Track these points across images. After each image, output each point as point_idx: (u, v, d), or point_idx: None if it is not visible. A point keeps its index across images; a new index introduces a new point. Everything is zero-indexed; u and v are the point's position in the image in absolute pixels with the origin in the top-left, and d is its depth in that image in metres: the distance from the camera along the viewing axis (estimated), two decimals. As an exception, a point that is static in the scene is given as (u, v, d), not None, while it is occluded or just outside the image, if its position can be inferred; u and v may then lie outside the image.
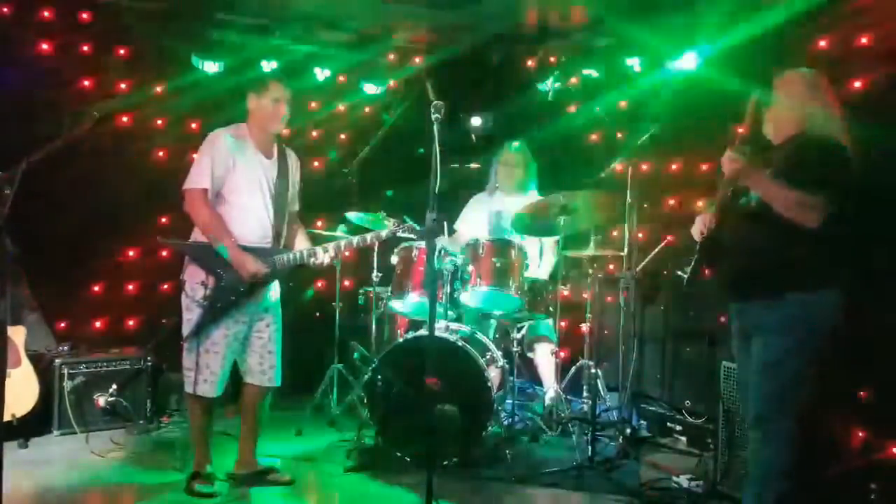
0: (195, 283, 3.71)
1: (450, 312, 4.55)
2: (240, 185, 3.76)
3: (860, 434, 3.62)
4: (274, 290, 3.95)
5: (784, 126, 3.16)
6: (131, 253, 5.38)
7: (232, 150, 3.75)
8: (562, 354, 4.85)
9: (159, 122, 5.40)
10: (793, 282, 3.01)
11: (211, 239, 3.70)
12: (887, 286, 3.72)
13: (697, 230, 3.35)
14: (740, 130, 3.17)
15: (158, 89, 5.33)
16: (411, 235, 4.02)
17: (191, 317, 3.74)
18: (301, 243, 4.01)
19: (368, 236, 3.95)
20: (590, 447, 4.26)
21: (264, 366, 3.93)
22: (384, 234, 3.99)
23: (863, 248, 3.47)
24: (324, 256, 3.86)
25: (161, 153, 5.44)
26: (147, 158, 5.39)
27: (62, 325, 5.17)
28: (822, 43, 4.33)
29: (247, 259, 3.69)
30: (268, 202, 3.84)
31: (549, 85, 5.81)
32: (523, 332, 4.88)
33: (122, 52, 5.27)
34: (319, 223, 5.41)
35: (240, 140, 3.81)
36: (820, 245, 2.97)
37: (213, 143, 3.75)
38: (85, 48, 5.16)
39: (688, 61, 5.03)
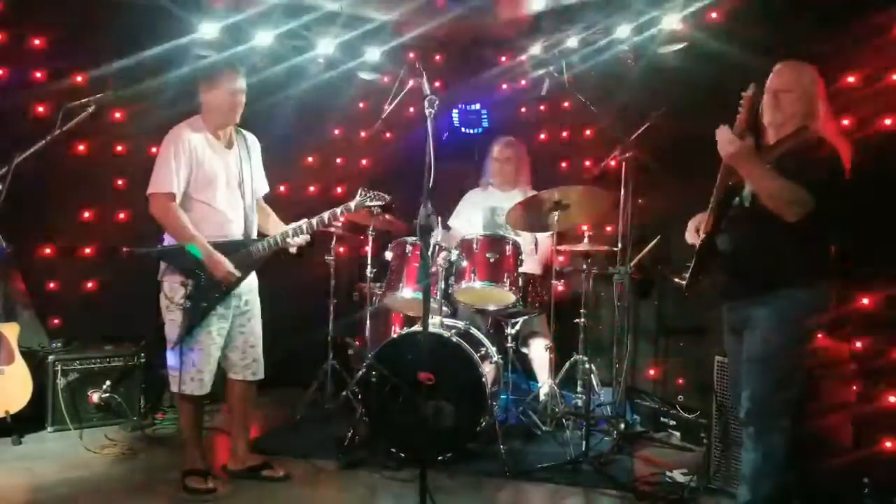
0: (174, 284, 3.70)
1: (444, 308, 4.56)
2: (204, 182, 3.73)
3: (853, 429, 3.64)
4: (252, 283, 3.95)
5: (790, 117, 3.14)
6: (125, 249, 5.36)
7: (192, 147, 3.71)
8: (555, 349, 4.85)
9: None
10: (784, 278, 3.03)
11: (181, 242, 3.67)
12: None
13: (691, 235, 3.36)
14: (738, 124, 3.17)
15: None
16: (380, 202, 3.94)
17: (172, 317, 3.73)
18: (274, 227, 3.99)
19: (338, 210, 3.88)
20: (584, 442, 4.26)
21: (247, 360, 3.93)
22: (353, 204, 3.90)
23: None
24: (298, 238, 3.85)
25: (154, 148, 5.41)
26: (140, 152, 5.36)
27: (55, 321, 5.15)
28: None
29: (219, 261, 3.67)
30: (234, 193, 3.82)
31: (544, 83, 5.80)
32: (517, 327, 4.88)
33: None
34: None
35: (198, 134, 3.76)
36: (811, 242, 2.98)
37: (174, 143, 3.69)
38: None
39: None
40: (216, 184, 3.76)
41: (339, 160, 6.35)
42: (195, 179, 3.72)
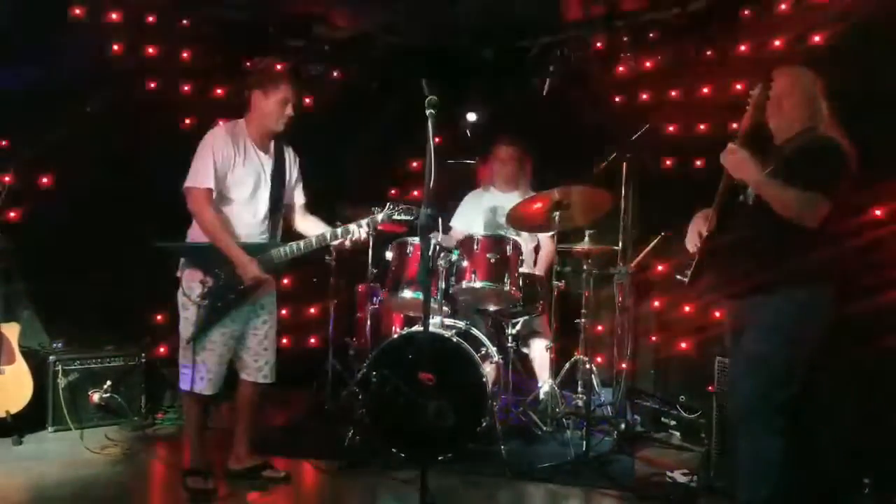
0: (192, 282, 3.71)
1: (445, 308, 4.56)
2: (238, 182, 3.77)
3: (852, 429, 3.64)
4: (270, 287, 3.95)
5: (794, 121, 3.15)
6: (126, 248, 5.36)
7: (231, 147, 3.75)
8: (555, 349, 4.85)
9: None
10: (784, 277, 3.03)
11: (213, 241, 3.70)
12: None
13: (692, 242, 3.36)
14: (742, 124, 3.18)
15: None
16: (408, 217, 4.00)
17: (187, 315, 3.74)
18: (317, 229, 3.99)
19: (364, 222, 3.92)
20: (584, 442, 4.26)
21: (260, 362, 3.93)
22: (380, 217, 3.96)
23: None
24: (359, 231, 3.88)
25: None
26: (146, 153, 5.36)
27: (56, 321, 5.14)
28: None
29: (248, 264, 3.69)
30: (265, 198, 3.85)
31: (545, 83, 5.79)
32: (518, 327, 4.88)
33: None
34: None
35: (238, 136, 3.81)
36: (812, 242, 2.98)
37: (212, 142, 3.74)
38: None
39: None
40: (247, 185, 3.80)
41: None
42: (229, 179, 3.75)
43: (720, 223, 3.23)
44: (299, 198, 4.10)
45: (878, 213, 4.21)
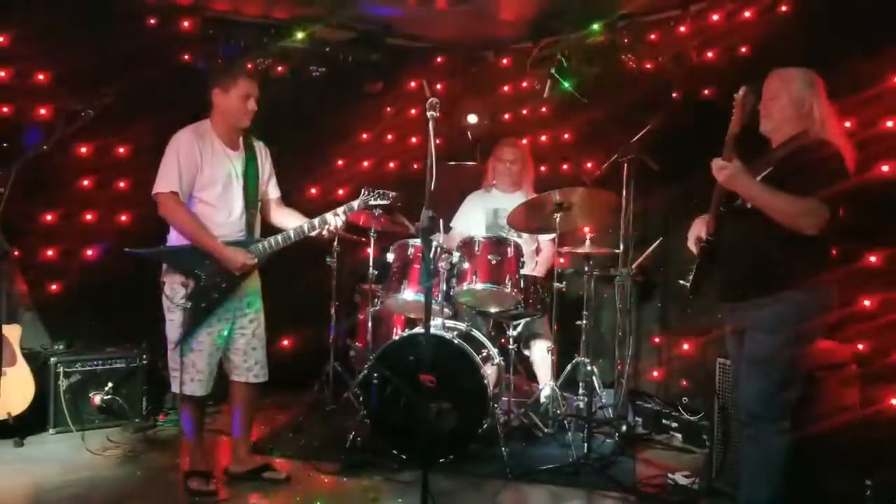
0: (175, 284, 3.72)
1: (446, 310, 4.56)
2: (208, 183, 3.76)
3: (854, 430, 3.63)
4: (254, 284, 3.95)
5: (787, 124, 3.15)
6: (126, 250, 5.36)
7: (197, 148, 3.73)
8: (557, 351, 4.85)
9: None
10: (784, 280, 3.02)
11: (192, 240, 3.70)
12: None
13: (693, 241, 3.35)
14: (731, 129, 3.18)
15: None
16: (384, 202, 3.99)
17: (172, 318, 3.74)
18: (295, 221, 3.99)
19: (341, 209, 3.92)
20: (586, 444, 4.26)
21: (249, 362, 3.93)
22: (356, 203, 3.96)
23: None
24: (335, 220, 3.87)
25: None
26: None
27: (57, 323, 5.15)
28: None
29: (233, 253, 3.70)
30: (238, 195, 3.84)
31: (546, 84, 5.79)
32: (519, 329, 4.88)
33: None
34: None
35: (204, 137, 3.79)
36: (812, 244, 2.97)
37: (177, 145, 3.72)
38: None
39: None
40: (218, 184, 3.78)
41: (339, 161, 6.36)
42: (197, 179, 3.74)
43: (718, 227, 3.22)
44: (274, 192, 4.09)
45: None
